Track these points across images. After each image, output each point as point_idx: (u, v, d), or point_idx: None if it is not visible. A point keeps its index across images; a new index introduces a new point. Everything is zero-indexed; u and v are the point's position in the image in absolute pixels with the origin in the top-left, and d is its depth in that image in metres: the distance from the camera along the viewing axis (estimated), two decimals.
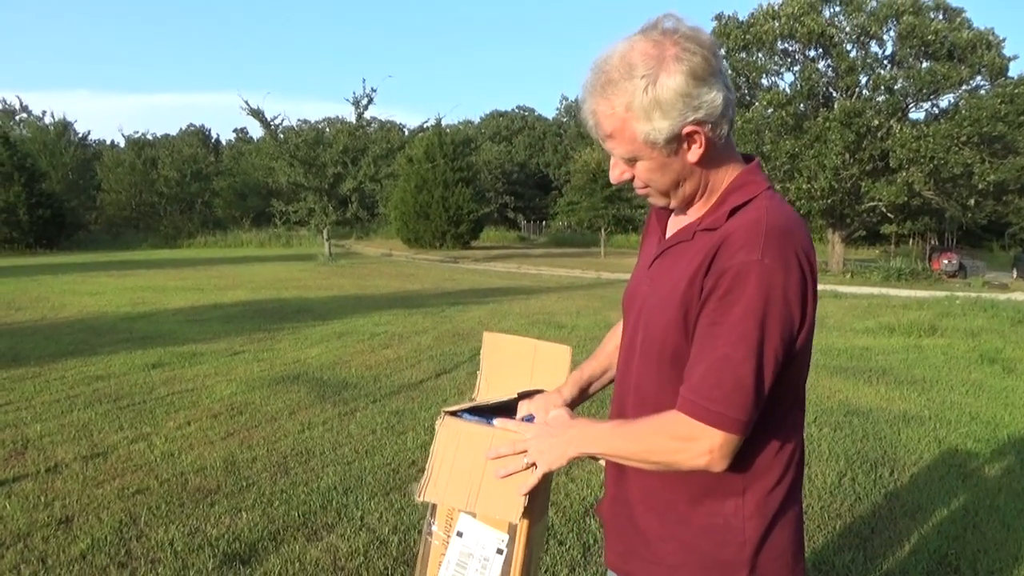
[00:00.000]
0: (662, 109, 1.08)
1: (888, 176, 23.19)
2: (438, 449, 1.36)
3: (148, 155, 40.20)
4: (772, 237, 1.08)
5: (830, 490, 3.78)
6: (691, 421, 1.09)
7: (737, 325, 1.07)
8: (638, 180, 1.19)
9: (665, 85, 1.08)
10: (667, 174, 1.16)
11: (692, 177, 1.17)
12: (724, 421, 1.08)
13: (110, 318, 9.59)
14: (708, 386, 1.08)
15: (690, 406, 1.10)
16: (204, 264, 21.17)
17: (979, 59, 22.73)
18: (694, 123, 1.10)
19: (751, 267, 1.07)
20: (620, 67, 1.10)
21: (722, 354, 1.08)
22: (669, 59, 1.08)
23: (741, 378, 1.07)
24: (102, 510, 3.41)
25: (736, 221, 1.13)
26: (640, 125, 1.10)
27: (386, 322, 9.39)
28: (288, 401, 5.39)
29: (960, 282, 22.38)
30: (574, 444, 1.25)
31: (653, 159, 1.14)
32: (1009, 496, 3.75)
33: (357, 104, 24.58)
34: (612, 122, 1.12)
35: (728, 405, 1.07)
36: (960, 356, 7.80)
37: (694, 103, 1.09)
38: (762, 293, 1.06)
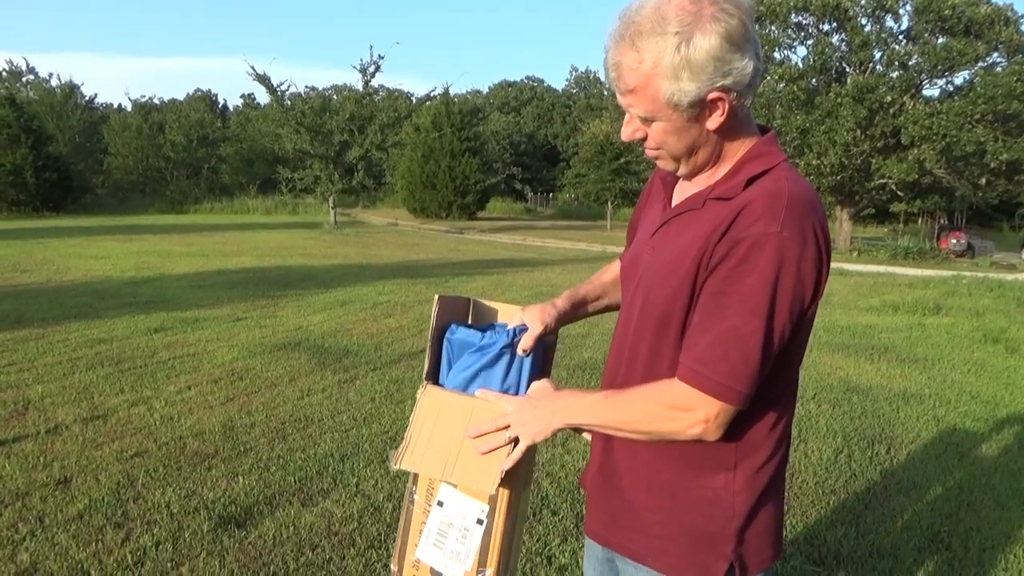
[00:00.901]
0: (691, 70, 1.03)
1: (899, 153, 22.93)
2: (418, 417, 1.35)
3: (155, 119, 40.07)
4: (793, 209, 1.05)
5: (826, 466, 3.78)
6: (690, 390, 1.07)
7: (749, 297, 1.04)
8: (651, 141, 1.15)
9: (699, 45, 1.02)
10: (683, 139, 1.12)
11: (707, 144, 1.13)
12: (727, 392, 1.06)
13: (114, 282, 9.61)
14: (715, 357, 1.06)
15: (693, 376, 1.07)
16: (210, 230, 21.17)
17: (996, 35, 22.33)
18: (721, 89, 1.05)
19: (769, 239, 1.03)
20: (653, 19, 1.03)
21: (731, 324, 1.05)
22: (706, 18, 1.02)
23: (749, 351, 1.05)
24: (100, 471, 3.44)
25: (754, 191, 1.09)
26: (666, 84, 1.05)
27: (389, 291, 9.40)
28: (288, 368, 5.40)
29: (968, 262, 22.25)
30: (559, 415, 1.23)
31: (672, 121, 1.09)
32: (1004, 475, 3.75)
33: (364, 71, 24.34)
34: (636, 77, 1.07)
35: (733, 377, 1.05)
36: (963, 335, 7.77)
37: (724, 68, 1.03)
38: (777, 266, 1.03)
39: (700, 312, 1.09)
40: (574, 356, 6.00)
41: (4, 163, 27.93)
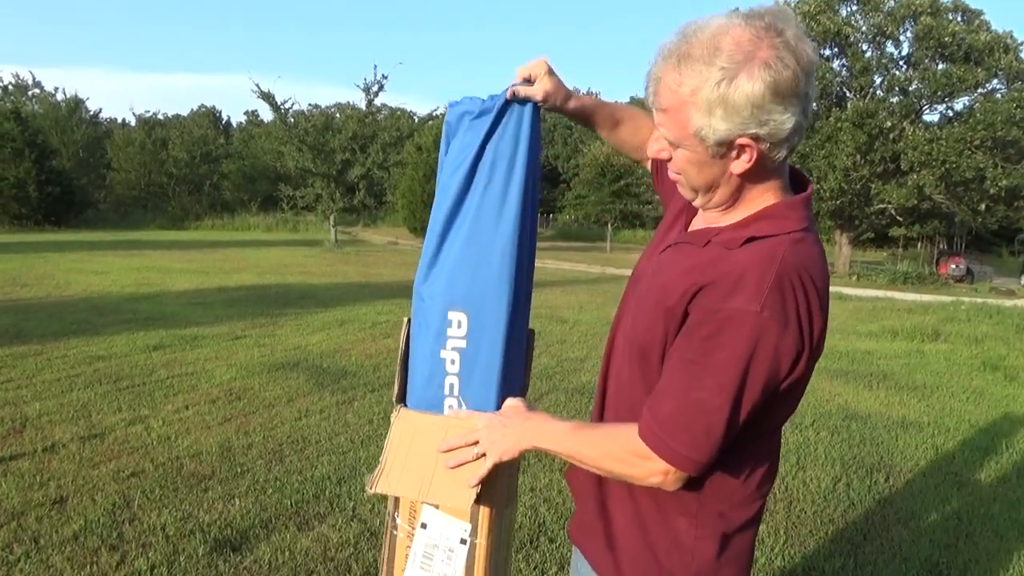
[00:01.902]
0: (726, 109, 0.99)
1: (899, 178, 23.03)
2: (392, 441, 1.37)
3: (159, 135, 40.20)
4: (779, 287, 1.00)
5: (824, 495, 3.77)
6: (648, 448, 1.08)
7: (719, 372, 1.01)
8: (674, 165, 1.12)
9: (741, 87, 0.98)
10: (703, 173, 1.08)
11: (727, 185, 1.09)
12: (683, 461, 1.06)
13: (114, 298, 9.62)
14: (676, 427, 1.05)
15: (653, 439, 1.07)
16: (210, 246, 21.20)
17: (996, 62, 22.52)
18: (752, 136, 1.01)
19: (747, 317, 0.99)
20: (706, 46, 0.99)
21: (697, 398, 1.03)
22: (758, 61, 0.97)
23: (711, 426, 1.03)
24: (96, 492, 3.43)
25: (747, 254, 1.05)
26: (697, 116, 1.01)
27: (388, 311, 9.40)
28: (287, 388, 5.40)
29: (967, 287, 22.26)
30: (527, 436, 1.24)
31: (696, 153, 1.06)
32: (1004, 506, 3.74)
33: (368, 90, 24.50)
34: (671, 98, 1.03)
35: (693, 448, 1.04)
36: (962, 362, 7.77)
37: (762, 117, 0.99)
38: (751, 346, 1.00)
39: (669, 372, 1.08)
40: (572, 380, 6.00)
41: (7, 177, 28.01)
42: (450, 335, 1.38)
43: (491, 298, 1.36)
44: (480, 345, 1.37)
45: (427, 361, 1.40)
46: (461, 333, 1.37)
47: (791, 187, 1.15)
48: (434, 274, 1.40)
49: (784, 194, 1.13)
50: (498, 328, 1.37)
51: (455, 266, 1.37)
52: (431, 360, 1.39)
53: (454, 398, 1.39)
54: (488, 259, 1.35)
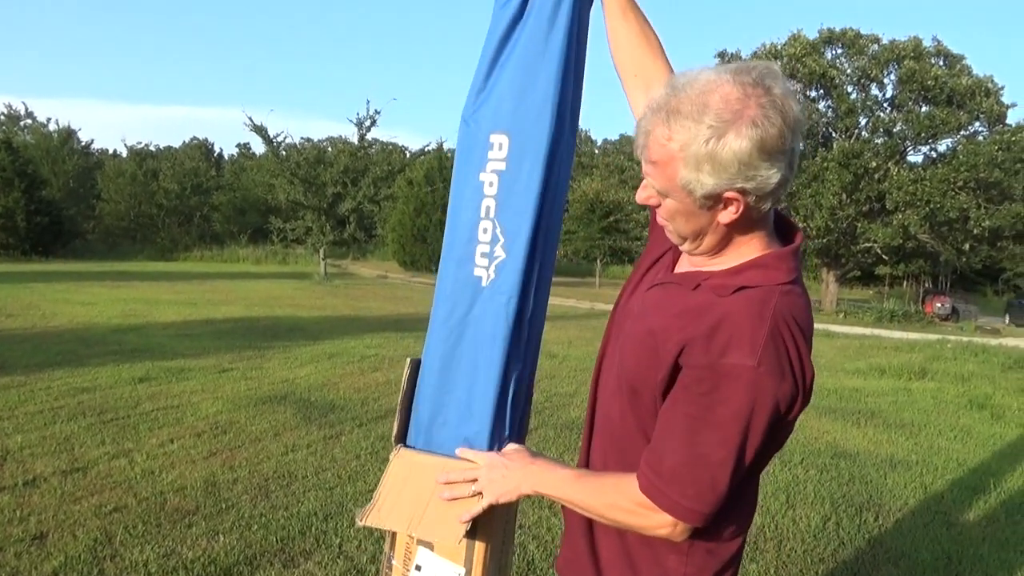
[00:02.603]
0: (714, 166, 1.01)
1: (884, 218, 23.38)
2: (388, 477, 1.37)
3: (150, 166, 40.39)
4: (774, 340, 1.02)
5: (814, 534, 3.75)
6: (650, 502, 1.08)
7: (721, 427, 1.03)
8: (662, 212, 1.13)
9: (729, 145, 1.00)
10: (691, 223, 1.10)
11: (715, 233, 1.11)
12: (689, 514, 1.07)
13: (100, 329, 9.54)
14: (683, 481, 1.06)
15: (657, 493, 1.07)
16: (199, 278, 21.14)
17: (978, 105, 23.05)
18: (739, 190, 1.03)
19: (744, 372, 1.01)
20: (695, 102, 1.01)
21: (701, 453, 1.04)
22: (746, 119, 0.99)
23: (716, 479, 1.05)
24: (78, 527, 3.37)
25: (739, 304, 1.06)
26: (685, 170, 1.03)
27: (377, 345, 9.36)
28: (273, 422, 5.35)
29: (952, 325, 22.48)
30: (529, 481, 1.23)
31: (684, 204, 1.08)
32: (993, 546, 3.73)
33: (360, 125, 24.75)
34: (660, 152, 1.05)
35: (700, 502, 1.06)
36: (949, 401, 7.80)
37: (748, 172, 1.01)
38: (751, 401, 1.01)
39: (669, 426, 1.08)
40: (561, 415, 5.98)
41: None
42: (491, 158, 1.38)
43: (534, 121, 1.35)
44: (520, 168, 1.36)
45: (467, 185, 1.40)
46: (501, 155, 1.37)
47: (778, 232, 1.17)
48: (482, 100, 1.41)
49: (770, 241, 1.14)
50: (539, 152, 1.35)
51: (501, 91, 1.38)
52: (471, 184, 1.40)
53: (489, 220, 1.38)
54: (534, 84, 1.36)
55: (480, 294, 1.41)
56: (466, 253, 1.42)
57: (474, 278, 1.42)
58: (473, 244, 1.41)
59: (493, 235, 1.39)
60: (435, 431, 1.42)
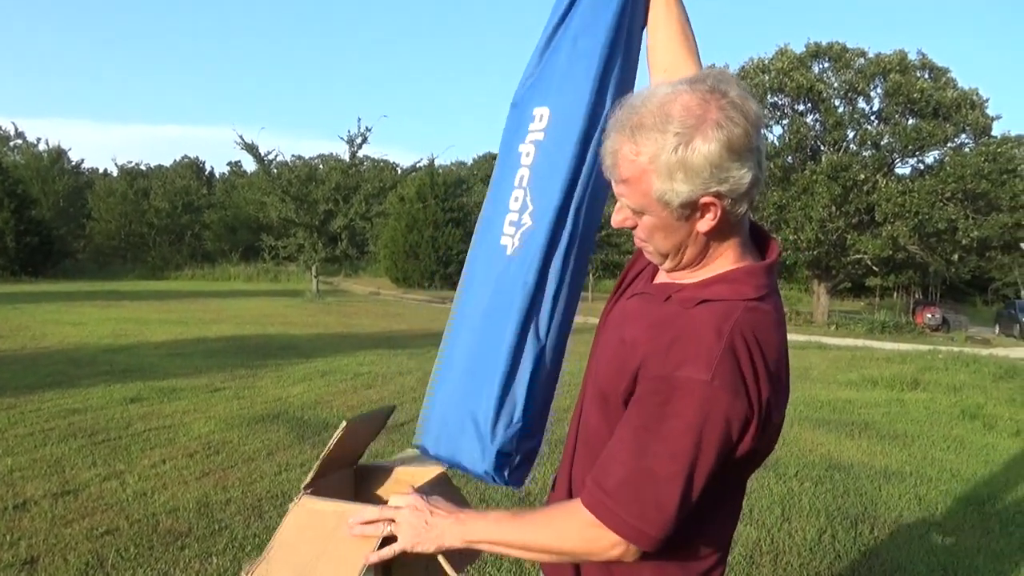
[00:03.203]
0: (686, 172, 1.00)
1: (873, 229, 23.53)
2: (283, 528, 1.26)
3: (140, 185, 40.32)
4: (729, 357, 0.99)
5: (810, 547, 3.75)
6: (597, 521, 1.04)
7: (670, 441, 0.99)
8: (640, 232, 1.12)
9: (697, 150, 0.99)
10: (670, 237, 1.09)
11: (695, 245, 1.10)
12: (637, 535, 1.02)
13: (91, 349, 9.48)
14: (626, 497, 1.01)
15: (603, 511, 1.03)
16: (190, 297, 21.06)
17: (963, 118, 23.29)
18: (715, 195, 1.02)
19: (696, 387, 0.98)
20: (656, 114, 1.01)
21: (646, 466, 1.00)
22: (709, 123, 0.99)
23: (662, 498, 1.00)
24: (69, 551, 3.33)
25: (701, 318, 1.04)
26: (658, 182, 1.02)
27: (370, 362, 9.34)
28: (266, 441, 5.32)
29: (943, 336, 22.58)
30: (454, 531, 1.13)
31: (661, 218, 1.07)
32: (988, 557, 3.73)
33: (351, 142, 24.81)
34: (630, 168, 1.04)
35: (644, 521, 1.01)
36: (942, 411, 7.82)
37: (721, 175, 1.00)
38: (703, 416, 0.98)
39: (618, 441, 1.05)
40: (556, 431, 5.94)
41: None
42: (531, 129, 1.40)
43: (574, 93, 1.37)
44: (556, 139, 1.37)
45: (508, 157, 1.43)
46: (541, 126, 1.38)
47: (754, 243, 1.17)
48: (531, 83, 1.43)
49: (743, 252, 1.13)
50: (575, 124, 1.36)
51: (551, 70, 1.41)
52: (511, 155, 1.42)
53: (521, 189, 1.39)
54: (579, 58, 1.38)
55: (504, 263, 1.40)
56: (496, 222, 1.43)
57: (500, 246, 1.41)
58: (503, 213, 1.41)
59: (523, 203, 1.38)
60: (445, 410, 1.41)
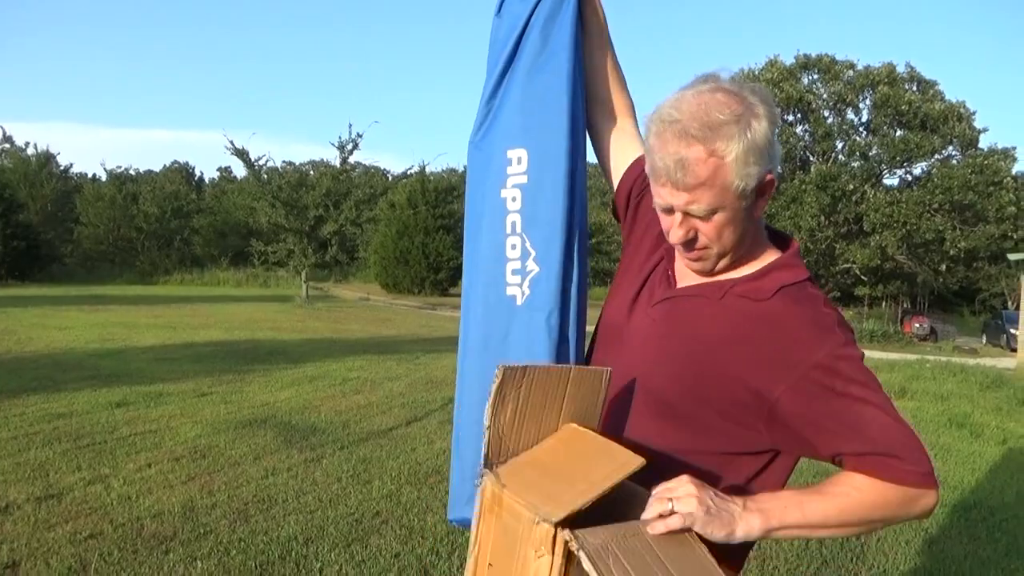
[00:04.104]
0: (756, 154, 1.05)
1: (862, 239, 23.70)
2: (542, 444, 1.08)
3: (129, 190, 40.06)
4: (840, 324, 1.10)
5: (797, 553, 3.75)
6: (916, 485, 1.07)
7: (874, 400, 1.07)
8: (703, 239, 1.11)
9: (756, 130, 1.05)
10: (739, 227, 1.11)
11: (750, 233, 1.15)
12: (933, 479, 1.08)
13: (77, 354, 9.41)
14: (922, 457, 1.07)
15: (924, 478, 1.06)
16: (179, 302, 20.95)
17: (951, 130, 23.54)
18: (771, 171, 1.10)
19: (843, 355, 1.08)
20: (706, 113, 1.04)
21: (901, 421, 1.08)
22: (754, 107, 1.06)
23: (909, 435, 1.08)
24: (51, 555, 3.29)
25: (787, 303, 1.11)
26: (737, 170, 1.04)
27: (359, 367, 9.30)
28: (253, 445, 5.28)
29: (931, 345, 22.70)
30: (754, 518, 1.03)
31: (734, 210, 1.08)
32: (974, 563, 3.75)
33: (342, 148, 24.79)
34: (706, 169, 1.04)
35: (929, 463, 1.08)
36: (929, 420, 7.86)
37: (773, 151, 1.08)
38: (863, 368, 1.09)
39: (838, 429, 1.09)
40: None
41: None
42: (510, 173, 1.34)
43: (551, 132, 1.33)
44: (543, 179, 1.33)
45: (487, 204, 1.37)
46: (521, 169, 1.33)
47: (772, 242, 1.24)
48: (489, 121, 1.38)
49: (766, 238, 1.21)
50: (559, 162, 1.33)
51: (510, 108, 1.36)
52: (491, 202, 1.36)
53: (517, 236, 1.34)
54: (544, 96, 1.35)
55: (516, 314, 1.34)
56: (495, 274, 1.36)
57: (507, 298, 1.35)
58: (502, 263, 1.35)
59: (523, 250, 1.34)
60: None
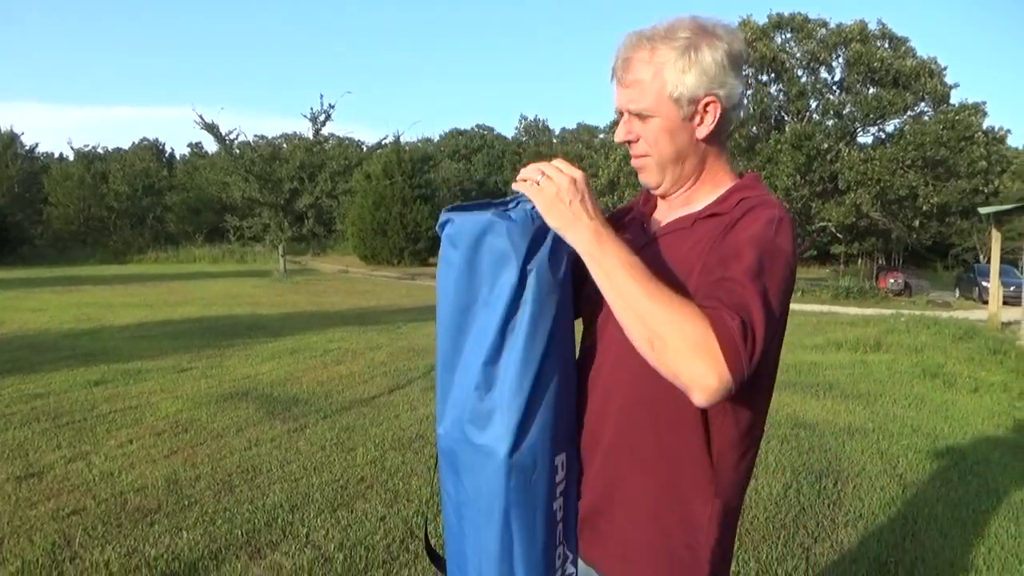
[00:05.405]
0: (696, 70, 1.13)
1: (837, 197, 23.85)
2: None
3: (98, 169, 39.32)
4: (786, 226, 1.12)
5: (775, 501, 3.83)
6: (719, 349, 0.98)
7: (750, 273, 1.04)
8: (642, 144, 1.19)
9: (706, 52, 1.14)
10: (674, 141, 1.17)
11: (693, 156, 1.19)
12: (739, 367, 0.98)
13: (52, 335, 9.30)
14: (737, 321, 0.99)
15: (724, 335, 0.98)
16: (154, 280, 20.70)
17: (923, 86, 23.61)
18: (715, 96, 1.15)
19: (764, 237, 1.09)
20: (669, 29, 1.15)
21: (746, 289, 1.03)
22: (714, 36, 1.15)
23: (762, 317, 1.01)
24: (34, 532, 3.29)
25: (745, 207, 1.15)
26: (672, 75, 1.13)
27: (340, 338, 9.29)
28: (235, 418, 5.27)
29: (905, 300, 23.04)
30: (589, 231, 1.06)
31: (668, 119, 1.16)
32: (947, 506, 3.85)
33: (315, 120, 24.45)
34: (645, 69, 1.15)
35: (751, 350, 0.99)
36: (904, 371, 8.02)
37: (722, 79, 1.14)
38: (770, 256, 1.07)
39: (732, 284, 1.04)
40: None
41: None
42: (558, 481, 1.18)
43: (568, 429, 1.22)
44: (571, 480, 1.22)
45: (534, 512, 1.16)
46: (562, 475, 1.19)
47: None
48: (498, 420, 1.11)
49: (733, 171, 1.25)
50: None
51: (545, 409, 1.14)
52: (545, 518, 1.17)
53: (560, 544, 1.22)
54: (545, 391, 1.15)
55: None
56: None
57: None
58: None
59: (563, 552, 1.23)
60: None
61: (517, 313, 1.10)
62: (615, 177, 25.45)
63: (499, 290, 1.10)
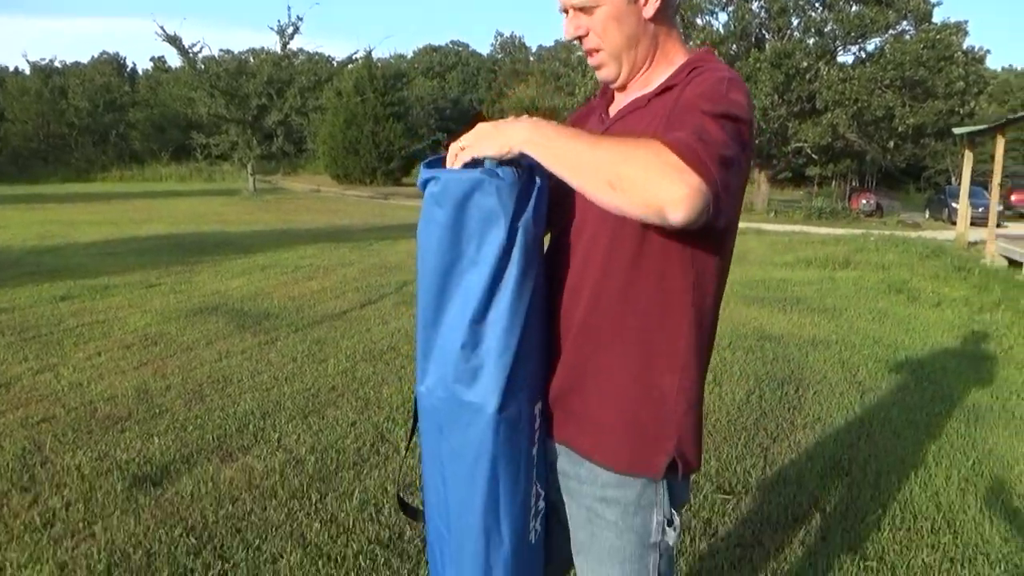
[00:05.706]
0: None
1: (814, 118, 23.71)
2: None
3: (56, 83, 37.70)
4: (737, 84, 1.11)
5: (738, 406, 3.94)
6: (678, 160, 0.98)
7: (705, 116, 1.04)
8: (592, 37, 1.19)
9: None
10: (623, 27, 1.17)
11: (644, 38, 1.19)
12: (707, 173, 0.98)
13: (15, 252, 9.11)
14: (693, 139, 1.00)
15: (689, 152, 0.98)
16: (119, 198, 20.24)
17: (905, 3, 23.22)
18: None
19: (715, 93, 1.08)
20: None
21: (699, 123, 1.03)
22: None
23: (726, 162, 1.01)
24: (3, 438, 3.29)
25: (698, 75, 1.14)
26: None
27: (311, 255, 9.21)
28: (205, 331, 5.26)
29: (876, 221, 23.30)
30: (524, 134, 1.07)
31: (613, 5, 1.15)
32: (901, 409, 3.99)
33: (282, 33, 23.55)
34: None
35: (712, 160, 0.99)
36: (870, 287, 8.17)
37: None
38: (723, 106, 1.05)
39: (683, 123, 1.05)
40: None
41: None
42: (536, 428, 1.22)
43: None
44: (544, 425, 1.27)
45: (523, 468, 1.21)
46: (540, 422, 1.24)
47: None
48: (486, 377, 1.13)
49: (686, 49, 1.24)
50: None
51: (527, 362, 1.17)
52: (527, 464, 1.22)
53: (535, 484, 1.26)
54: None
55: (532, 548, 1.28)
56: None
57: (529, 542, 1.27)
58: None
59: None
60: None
61: (505, 271, 1.11)
62: (592, 94, 25.01)
63: (487, 249, 1.10)
